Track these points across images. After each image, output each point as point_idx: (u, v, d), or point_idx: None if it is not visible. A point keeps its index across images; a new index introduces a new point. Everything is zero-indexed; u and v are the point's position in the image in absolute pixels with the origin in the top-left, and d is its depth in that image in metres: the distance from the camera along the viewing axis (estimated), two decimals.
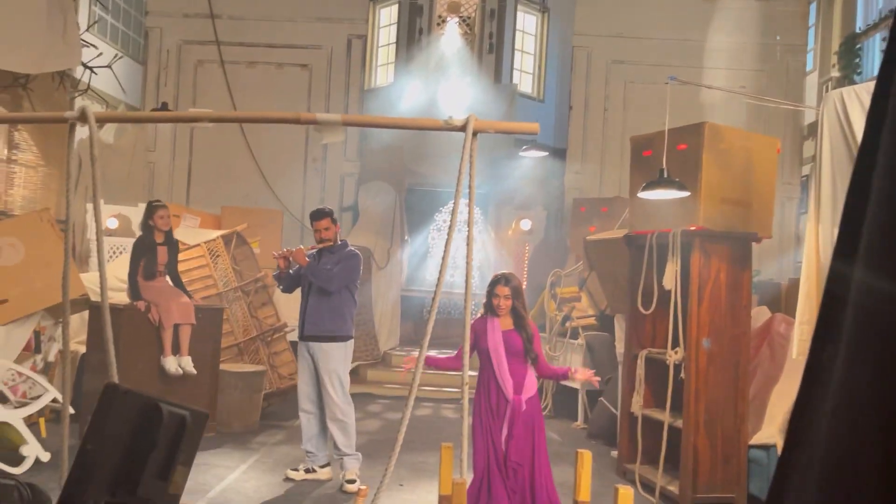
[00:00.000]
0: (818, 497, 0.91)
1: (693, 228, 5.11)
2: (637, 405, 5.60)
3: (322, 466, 5.37)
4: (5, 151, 8.04)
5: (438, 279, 1.66)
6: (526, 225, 10.07)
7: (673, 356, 5.21)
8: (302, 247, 5.30)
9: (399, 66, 10.58)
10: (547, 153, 9.73)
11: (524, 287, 9.80)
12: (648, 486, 5.34)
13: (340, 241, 5.39)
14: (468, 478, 1.63)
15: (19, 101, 7.76)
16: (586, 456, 1.74)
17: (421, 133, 9.82)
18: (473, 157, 1.65)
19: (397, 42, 10.73)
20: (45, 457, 5.16)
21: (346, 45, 10.79)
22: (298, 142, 10.70)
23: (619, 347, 6.50)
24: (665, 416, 5.21)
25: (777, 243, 9.55)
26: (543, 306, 8.28)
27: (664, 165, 4.93)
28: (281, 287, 5.49)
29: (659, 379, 5.54)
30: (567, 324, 7.79)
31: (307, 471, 5.31)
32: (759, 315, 5.90)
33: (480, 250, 10.17)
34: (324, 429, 5.32)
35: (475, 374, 4.02)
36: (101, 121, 1.66)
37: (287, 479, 5.23)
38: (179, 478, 1.64)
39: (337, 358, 5.22)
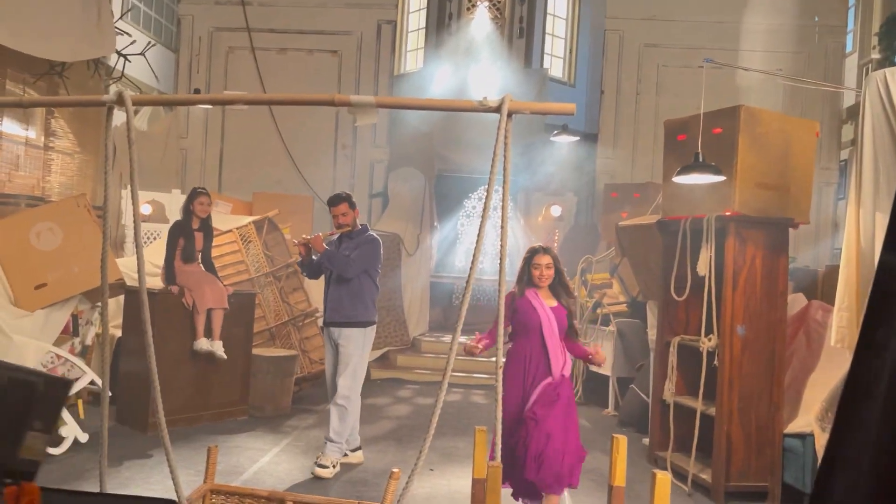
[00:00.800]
0: (870, 489, 0.89)
1: (728, 214, 5.02)
2: (669, 392, 5.55)
3: (353, 450, 5.38)
4: (42, 139, 8.19)
5: (472, 264, 1.64)
6: (556, 211, 10.00)
7: (706, 343, 5.14)
8: (321, 233, 5.26)
9: (429, 51, 10.54)
10: (578, 138, 9.63)
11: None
12: (680, 474, 5.29)
13: (360, 225, 5.33)
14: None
15: (55, 88, 7.89)
16: (621, 441, 1.72)
17: (451, 119, 9.78)
18: (508, 138, 1.62)
19: (427, 27, 10.68)
20: (84, 437, 5.28)
21: (376, 30, 10.77)
22: (328, 129, 10.73)
23: (651, 334, 6.43)
24: (698, 404, 5.16)
25: (814, 229, 9.37)
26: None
27: (699, 149, 4.85)
28: (305, 274, 5.47)
29: (691, 366, 5.48)
30: (598, 310, 7.74)
31: (333, 465, 5.15)
32: (796, 302, 5.79)
33: (510, 237, 10.12)
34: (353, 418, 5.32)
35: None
36: (138, 104, 1.67)
37: (316, 477, 5.02)
38: (36, 443, 1.63)
39: (355, 343, 5.20)
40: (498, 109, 1.59)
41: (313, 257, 5.26)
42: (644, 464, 5.73)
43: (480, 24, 10.38)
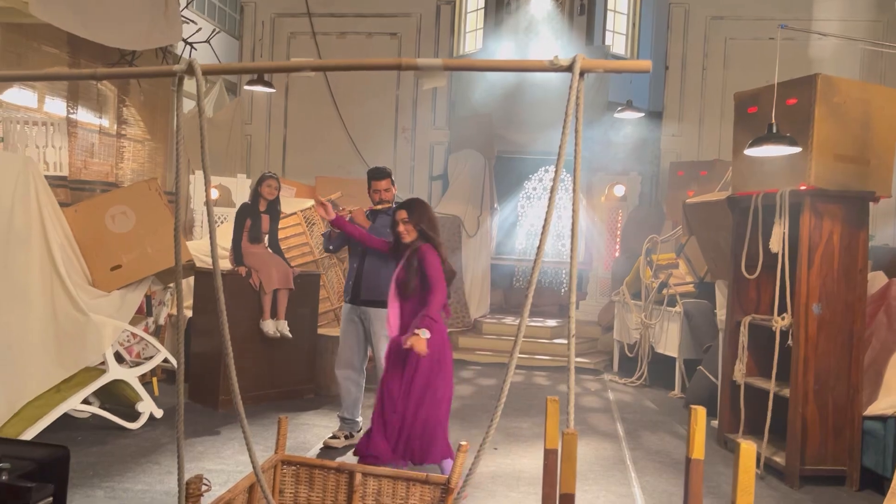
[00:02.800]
0: None
1: (803, 188, 4.82)
2: (740, 373, 5.39)
3: (358, 432, 5.33)
4: (115, 127, 8.46)
5: (540, 243, 1.60)
6: (619, 191, 9.81)
7: (779, 322, 4.97)
8: (361, 207, 5.18)
9: (487, 31, 10.44)
10: (643, 114, 9.40)
11: (617, 254, 9.59)
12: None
13: (396, 202, 5.30)
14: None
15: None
16: (700, 412, 1.66)
17: (511, 99, 9.68)
18: (580, 99, 1.57)
19: (486, 7, 10.58)
20: (159, 413, 5.47)
21: (435, 11, 10.73)
22: (388, 112, 10.77)
23: (720, 314, 6.26)
24: (770, 385, 5.00)
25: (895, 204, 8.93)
26: (639, 273, 8.07)
27: (773, 120, 4.66)
28: (331, 247, 5.32)
29: (763, 346, 5.31)
30: (664, 291, 7.57)
31: (346, 437, 5.24)
32: (876, 280, 5.53)
33: (571, 217, 9.99)
34: (361, 395, 5.30)
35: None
36: (208, 73, 1.68)
37: (327, 447, 5.11)
38: None
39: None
40: (569, 68, 1.54)
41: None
42: (713, 445, 5.61)
43: (540, 2, 10.21)
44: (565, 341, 9.09)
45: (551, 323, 9.48)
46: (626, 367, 8.29)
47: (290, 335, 6.26)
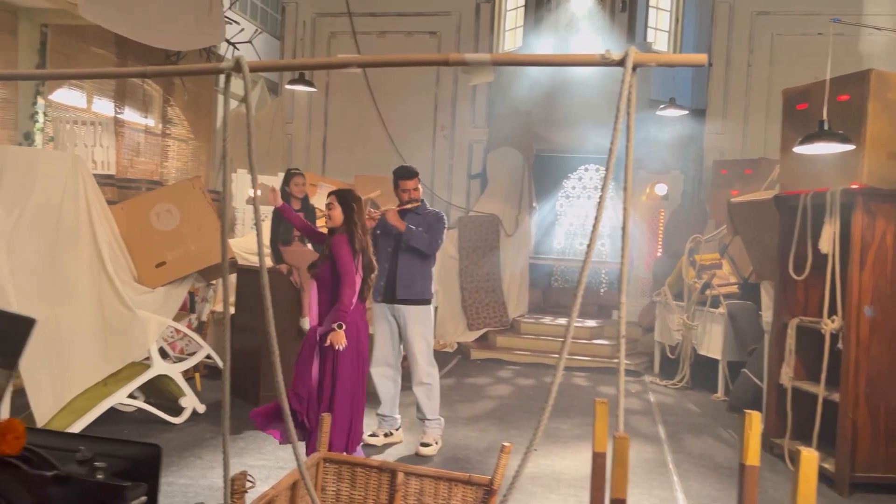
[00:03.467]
0: None
1: (855, 186, 4.68)
2: (787, 377, 5.26)
3: (397, 429, 5.34)
4: (160, 126, 8.61)
5: (589, 245, 1.56)
6: (661, 189, 9.66)
7: (829, 325, 4.83)
8: (392, 207, 5.15)
9: (528, 29, 10.37)
10: (686, 112, 9.24)
11: (658, 254, 9.44)
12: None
13: (422, 200, 5.25)
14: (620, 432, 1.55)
15: (171, 77, 8.28)
16: (754, 417, 1.61)
17: (550, 97, 9.60)
18: (632, 94, 1.53)
19: (525, 4, 10.51)
20: (202, 408, 5.55)
21: (475, 10, 10.69)
22: (427, 111, 10.77)
23: (766, 316, 6.11)
24: (819, 389, 4.86)
25: None
26: (681, 274, 7.94)
27: (824, 117, 4.53)
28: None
29: (811, 349, 5.17)
30: (707, 292, 7.43)
31: (386, 435, 5.25)
32: None
33: (612, 217, 9.88)
34: (398, 392, 5.31)
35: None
36: (255, 70, 1.68)
37: (367, 445, 5.10)
38: None
39: (428, 321, 5.21)
40: (621, 63, 1.50)
41: (377, 231, 5.14)
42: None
43: None
44: (605, 342, 8.99)
45: (591, 323, 9.38)
46: (668, 369, 8.16)
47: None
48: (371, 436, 5.22)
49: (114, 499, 1.39)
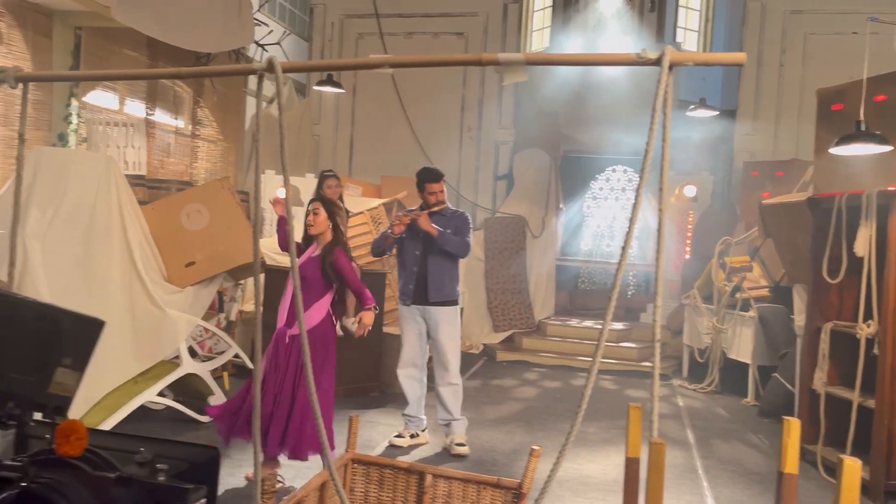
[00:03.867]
0: None
1: (893, 188, 4.58)
2: (820, 382, 5.16)
3: (423, 430, 5.34)
4: (190, 127, 8.70)
5: (624, 247, 1.54)
6: (690, 191, 9.54)
7: (864, 330, 4.74)
8: (418, 210, 5.12)
9: (555, 29, 10.31)
10: (716, 112, 9.12)
11: (687, 256, 9.33)
12: (832, 469, 4.92)
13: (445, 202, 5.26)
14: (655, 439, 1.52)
15: (201, 79, 8.37)
16: (793, 424, 1.57)
17: (577, 98, 9.53)
18: (669, 94, 1.51)
19: (553, 5, 10.45)
20: None
21: (502, 10, 10.66)
22: (454, 112, 10.76)
23: (798, 320, 6.01)
24: (854, 395, 4.77)
25: None
26: (710, 276, 7.84)
27: (861, 117, 4.44)
28: (379, 251, 5.37)
29: (845, 354, 5.08)
30: (737, 295, 7.33)
31: (412, 436, 5.26)
32: None
33: (640, 218, 9.77)
34: (424, 393, 5.33)
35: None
36: (288, 70, 1.68)
37: (393, 446, 5.13)
38: (66, 379, 1.61)
39: (457, 322, 5.24)
40: (658, 62, 1.48)
41: (402, 235, 5.11)
42: None
43: None
44: (632, 345, 8.91)
45: (618, 326, 9.30)
46: (696, 373, 8.06)
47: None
48: (396, 437, 5.23)
49: (176, 501, 1.40)
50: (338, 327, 6.21)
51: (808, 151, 9.00)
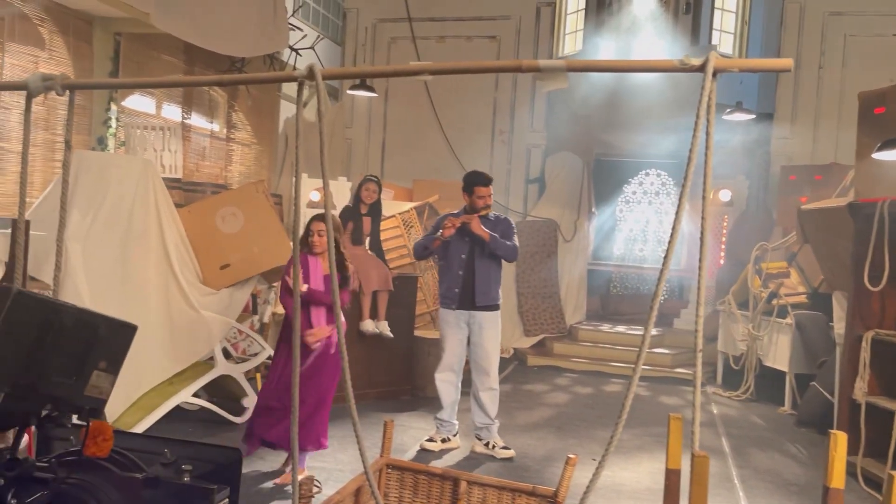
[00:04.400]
0: None
1: None
2: (860, 391, 5.04)
3: (454, 435, 5.33)
4: (225, 131, 8.81)
5: (666, 256, 1.51)
6: (725, 196, 9.40)
7: None
8: (471, 215, 5.07)
9: (588, 32, 10.24)
10: (753, 116, 8.98)
11: (721, 262, 9.21)
12: (872, 482, 4.81)
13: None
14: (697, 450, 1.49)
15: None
16: (840, 437, 1.53)
17: (611, 101, 9.45)
18: (713, 101, 1.48)
19: (586, 7, 10.39)
20: None
21: (535, 13, 10.63)
22: (486, 115, 10.75)
23: (838, 328, 5.88)
24: None
25: None
26: (746, 282, 7.71)
27: None
28: (424, 254, 5.35)
29: (887, 363, 4.97)
30: (774, 301, 7.20)
31: (443, 440, 5.25)
32: None
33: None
34: (458, 398, 5.33)
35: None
36: (328, 77, 1.69)
37: (424, 450, 5.13)
38: (101, 382, 1.63)
39: (499, 327, 5.26)
40: (701, 68, 1.46)
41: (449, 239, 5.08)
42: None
43: (643, 1, 9.94)
44: (666, 351, 8.80)
45: (652, 332, 9.18)
46: (731, 380, 7.94)
47: (391, 335, 6.35)
48: (428, 441, 5.23)
49: (201, 500, 1.43)
50: (368, 328, 6.27)
51: (847, 155, 8.82)
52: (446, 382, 5.24)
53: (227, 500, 1.49)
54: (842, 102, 9.28)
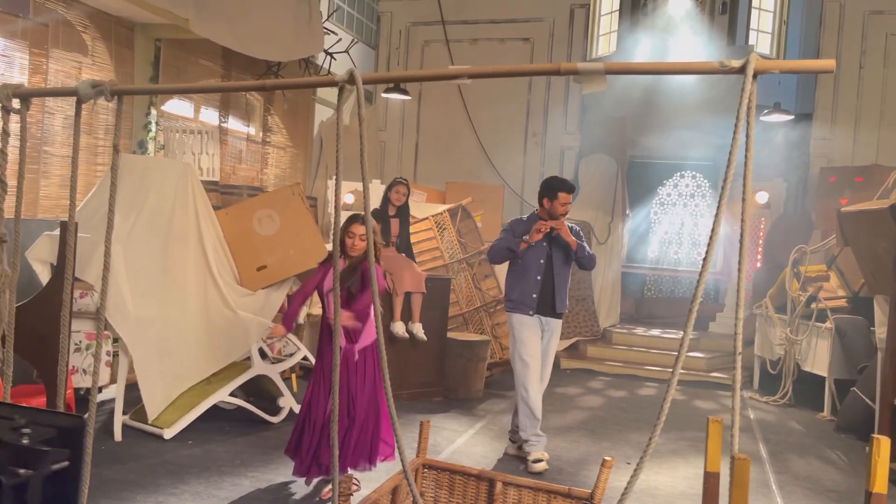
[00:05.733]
0: None
1: None
2: None
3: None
4: (261, 135, 8.94)
5: (706, 256, 1.51)
6: (762, 198, 9.27)
7: None
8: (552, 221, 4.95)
9: (622, 33, 10.19)
10: (791, 117, 8.85)
11: (758, 265, 9.08)
12: None
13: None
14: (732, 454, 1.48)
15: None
16: (883, 442, 1.52)
17: (645, 103, 9.39)
18: (752, 103, 1.48)
19: (621, 8, 10.33)
20: (298, 408, 5.70)
21: (569, 15, 10.60)
22: (519, 117, 10.75)
23: (880, 332, 5.76)
24: None
25: None
26: (784, 285, 7.60)
27: None
28: (503, 258, 5.10)
29: None
30: (812, 305, 7.08)
31: (520, 448, 5.09)
32: None
33: (709, 226, 9.57)
34: None
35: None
36: (368, 82, 1.72)
37: (534, 472, 4.83)
38: None
39: (559, 332, 5.19)
40: (742, 70, 1.45)
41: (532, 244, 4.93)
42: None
43: (679, 1, 9.85)
44: (700, 355, 8.70)
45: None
46: (768, 385, 7.82)
47: (425, 338, 6.38)
48: (536, 462, 4.90)
49: (37, 461, 1.59)
50: (398, 330, 6.30)
51: (889, 156, 8.65)
52: (539, 393, 5.01)
53: (66, 462, 1.63)
54: (883, 102, 9.11)
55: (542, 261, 4.97)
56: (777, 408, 7.29)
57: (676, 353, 1.65)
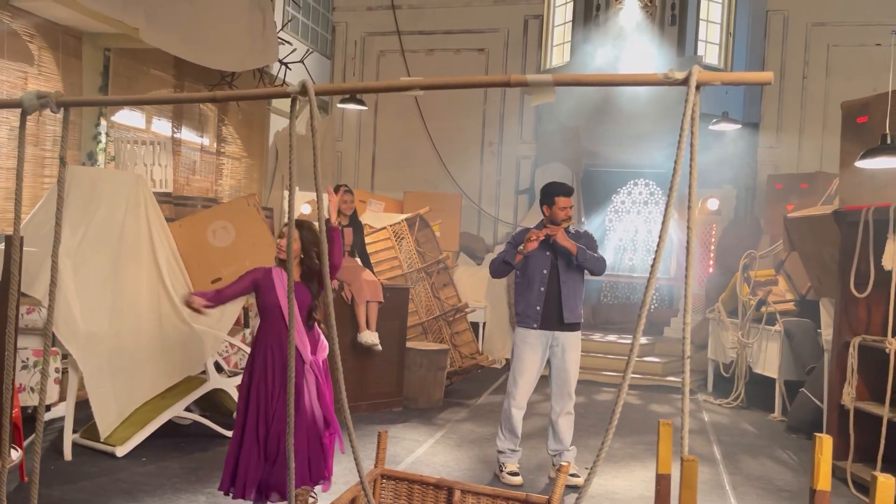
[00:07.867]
0: None
1: None
2: (849, 397, 5.10)
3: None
4: (215, 145, 8.83)
5: (653, 266, 1.55)
6: (713, 204, 9.50)
7: (893, 344, 4.68)
8: (552, 226, 4.73)
9: (575, 44, 10.35)
10: (739, 126, 9.10)
11: (711, 270, 9.28)
12: (862, 486, 4.86)
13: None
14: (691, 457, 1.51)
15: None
16: (825, 441, 1.57)
17: (599, 112, 9.55)
18: (696, 113, 1.53)
19: (573, 20, 10.50)
20: None
21: (523, 25, 10.74)
22: (475, 127, 10.83)
23: (826, 334, 5.94)
24: (884, 411, 4.71)
25: None
26: (735, 290, 7.78)
27: (887, 130, 4.41)
28: (503, 271, 4.89)
29: (875, 369, 5.01)
30: (762, 309, 7.26)
31: (511, 474, 4.85)
32: None
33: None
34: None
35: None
36: (320, 93, 1.73)
37: (509, 485, 4.69)
38: None
39: (578, 345, 4.93)
40: (685, 82, 1.50)
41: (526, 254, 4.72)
42: None
43: (630, 13, 10.04)
44: (655, 359, 8.85)
45: (642, 340, 9.22)
46: (721, 388, 7.99)
47: (380, 347, 6.35)
48: (512, 474, 4.83)
49: None
50: (366, 339, 6.27)
51: (832, 164, 8.94)
52: (519, 409, 4.88)
53: None
54: (826, 111, 9.42)
55: (545, 271, 4.75)
56: (730, 410, 7.45)
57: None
